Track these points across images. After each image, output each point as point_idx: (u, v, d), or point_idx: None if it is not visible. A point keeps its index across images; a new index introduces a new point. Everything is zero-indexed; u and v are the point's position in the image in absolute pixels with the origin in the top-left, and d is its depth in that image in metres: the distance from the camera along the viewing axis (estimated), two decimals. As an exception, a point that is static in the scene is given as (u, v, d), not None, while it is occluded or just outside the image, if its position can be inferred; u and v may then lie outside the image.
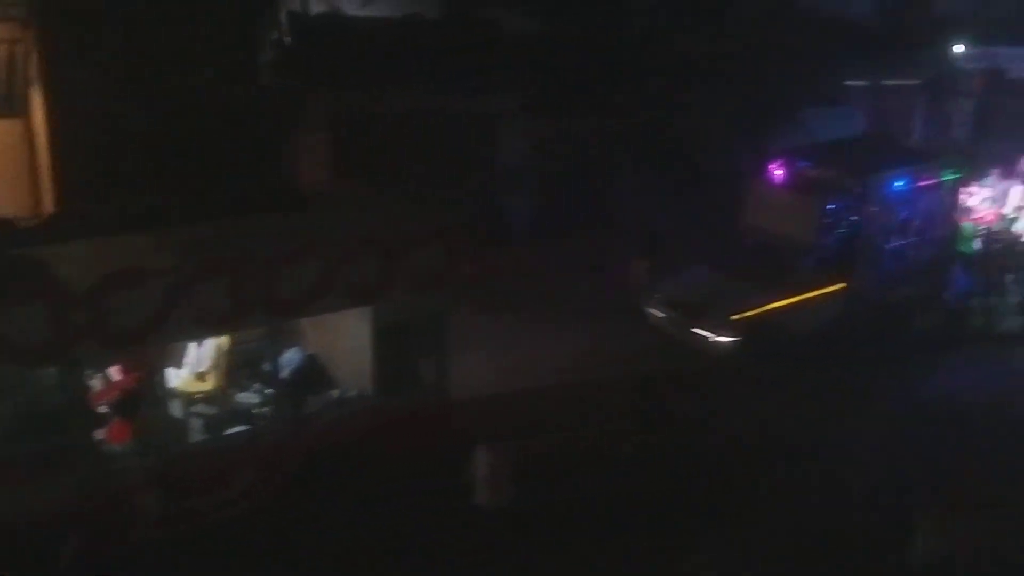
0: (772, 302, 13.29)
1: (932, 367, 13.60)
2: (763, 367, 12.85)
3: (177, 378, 9.48)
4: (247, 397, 9.74)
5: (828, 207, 13.71)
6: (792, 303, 13.39)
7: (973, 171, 15.97)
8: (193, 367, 9.62)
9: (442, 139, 16.57)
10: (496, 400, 11.67)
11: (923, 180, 14.35)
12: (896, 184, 13.96)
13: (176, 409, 9.32)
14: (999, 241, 15.74)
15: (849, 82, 20.39)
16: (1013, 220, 15.99)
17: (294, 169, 15.88)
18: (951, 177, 14.78)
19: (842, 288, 13.74)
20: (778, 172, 14.03)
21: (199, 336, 9.32)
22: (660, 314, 13.91)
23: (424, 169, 16.16)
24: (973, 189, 16.30)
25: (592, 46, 17.60)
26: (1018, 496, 10.39)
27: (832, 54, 19.02)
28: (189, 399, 9.47)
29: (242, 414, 9.56)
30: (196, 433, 9.30)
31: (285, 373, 9.69)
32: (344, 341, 10.10)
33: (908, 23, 21.64)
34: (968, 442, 11.49)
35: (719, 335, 13.16)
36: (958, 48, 21.75)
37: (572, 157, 17.12)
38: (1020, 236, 15.89)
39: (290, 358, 9.92)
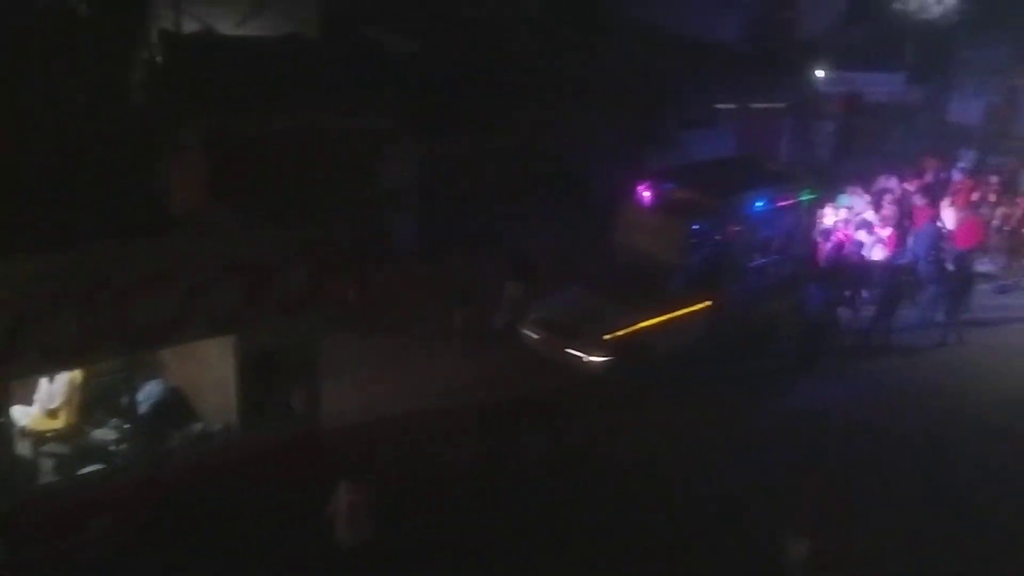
0: (643, 321, 13.57)
1: (792, 382, 14.11)
2: (634, 384, 13.10)
3: (26, 416, 9.05)
4: (103, 434, 9.35)
5: (694, 228, 14.07)
6: (662, 322, 13.70)
7: (829, 192, 16.57)
8: (44, 403, 9.20)
9: (321, 159, 16.44)
10: (366, 430, 11.49)
11: (783, 201, 14.90)
12: (757, 205, 14.45)
13: (25, 449, 8.88)
14: (853, 257, 16.47)
15: (719, 105, 21.21)
16: (865, 236, 16.74)
17: (162, 191, 15.44)
18: (808, 198, 15.41)
19: (708, 306, 14.13)
20: (646, 194, 14.36)
21: (50, 370, 8.91)
22: (534, 336, 14.00)
23: (301, 190, 16.04)
24: (830, 208, 17.13)
25: (470, 67, 17.79)
26: (881, 505, 10.90)
27: (702, 78, 19.79)
28: (40, 438, 9.05)
29: (98, 452, 9.17)
30: (47, 474, 8.85)
31: (145, 407, 9.35)
32: (208, 372, 9.76)
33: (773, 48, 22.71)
34: (830, 454, 11.95)
35: (592, 355, 13.31)
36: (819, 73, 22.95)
37: (451, 178, 17.22)
38: (871, 252, 16.62)
39: (150, 391, 9.61)
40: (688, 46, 20.10)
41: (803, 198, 15.29)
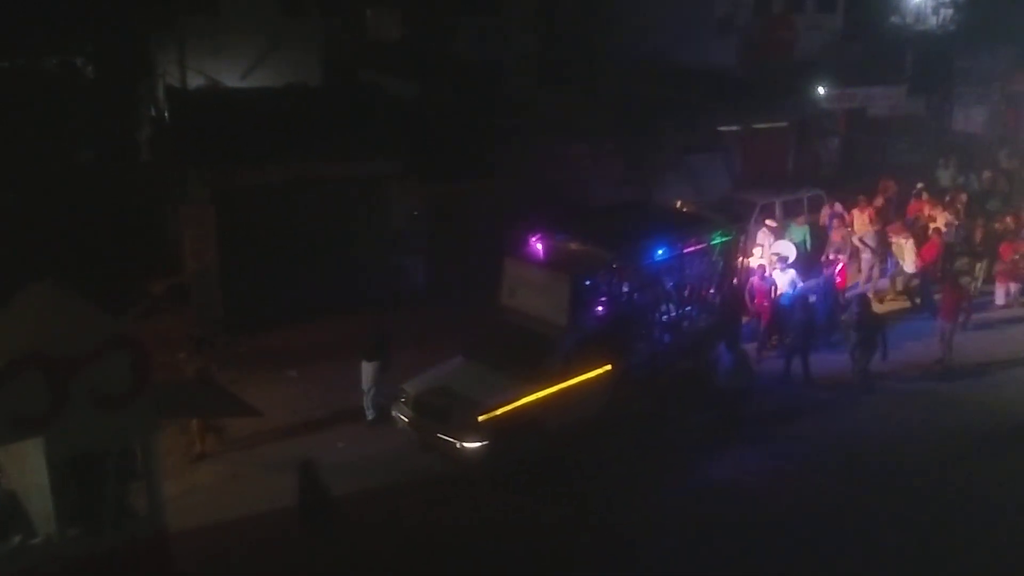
0: (527, 396, 11.59)
1: (699, 453, 12.22)
2: (515, 473, 11.34)
3: None
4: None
5: (585, 283, 12.26)
6: (551, 395, 11.74)
7: (743, 232, 14.89)
8: None
9: (328, 206, 16.65)
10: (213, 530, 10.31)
11: (691, 246, 13.40)
12: (659, 253, 12.86)
13: None
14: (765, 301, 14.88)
15: (720, 128, 21.34)
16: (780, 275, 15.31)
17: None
18: (721, 240, 13.84)
19: (608, 372, 12.31)
20: (532, 246, 12.79)
21: None
22: (403, 418, 12.04)
23: (311, 239, 16.26)
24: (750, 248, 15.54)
25: (470, 107, 18.00)
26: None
27: (700, 104, 19.92)
28: None
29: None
30: None
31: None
32: (31, 476, 8.45)
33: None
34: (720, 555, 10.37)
35: (465, 440, 11.28)
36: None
37: (457, 218, 17.34)
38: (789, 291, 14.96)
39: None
40: (685, 74, 20.23)
41: (715, 241, 13.76)
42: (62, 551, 8.24)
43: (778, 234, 17.38)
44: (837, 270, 16.10)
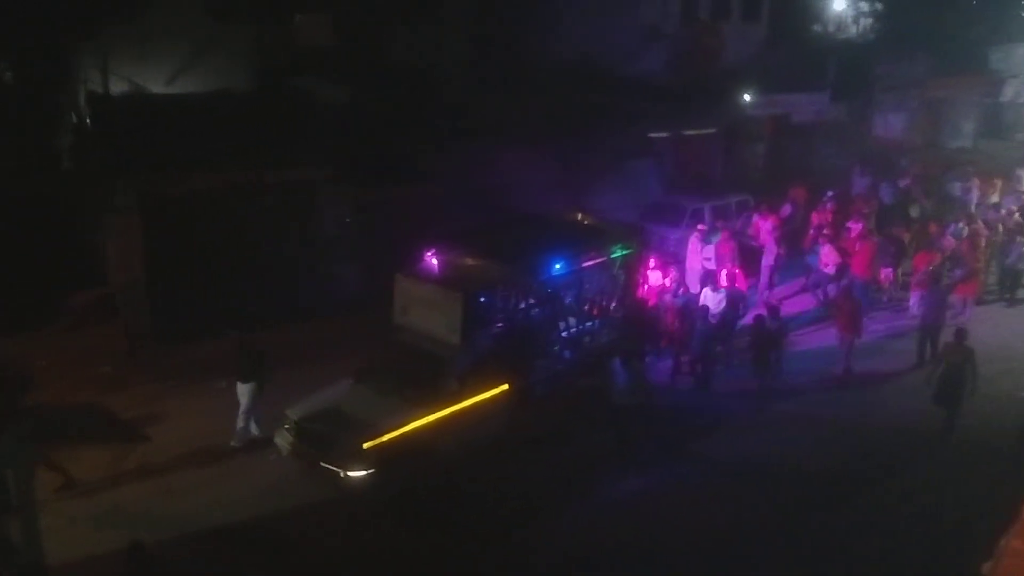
0: (416, 420, 11.07)
1: (599, 475, 11.83)
2: (403, 502, 10.93)
3: None
4: None
5: (479, 300, 11.84)
6: (443, 418, 11.26)
7: (645, 246, 14.74)
8: None
9: (258, 213, 16.43)
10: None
11: (591, 259, 13.15)
12: (557, 267, 12.57)
13: None
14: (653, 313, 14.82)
15: (651, 135, 21.70)
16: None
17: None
18: (621, 254, 13.58)
19: (504, 392, 11.91)
20: (425, 261, 12.48)
21: None
22: (285, 445, 11.40)
23: (239, 247, 16.02)
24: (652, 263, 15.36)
25: (401, 113, 17.95)
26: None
27: (630, 111, 20.21)
28: None
29: None
30: None
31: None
32: None
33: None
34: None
35: (350, 469, 10.69)
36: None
37: (388, 224, 17.30)
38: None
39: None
40: (615, 80, 20.52)
41: (616, 254, 13.50)
42: None
43: (707, 238, 17.75)
44: (734, 278, 15.77)
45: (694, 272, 17.04)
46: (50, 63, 18.31)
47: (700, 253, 17.34)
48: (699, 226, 18.13)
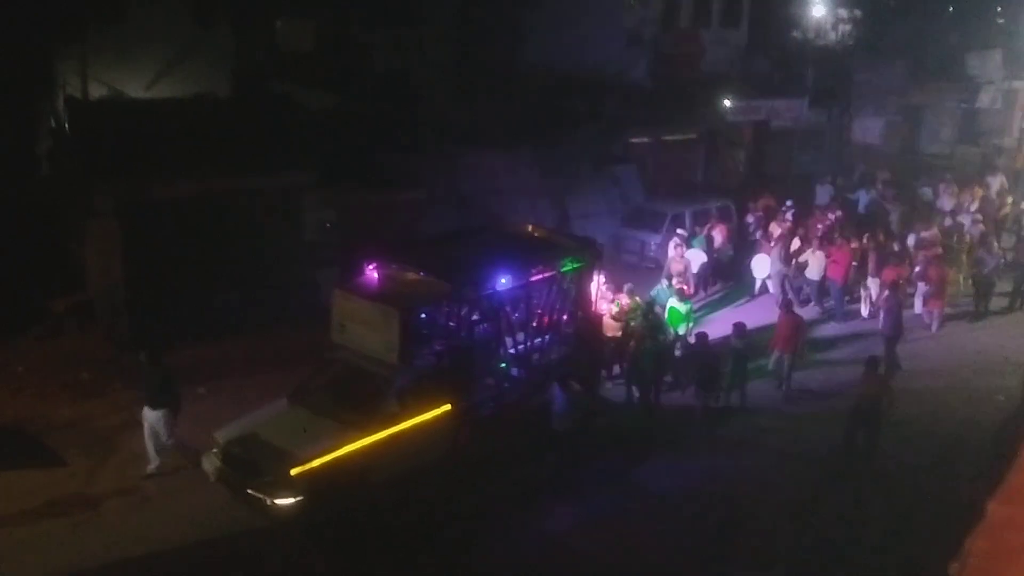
0: (349, 444, 10.49)
1: (544, 500, 11.30)
2: (333, 531, 10.34)
3: None
4: None
5: (418, 316, 11.39)
6: (379, 441, 10.68)
7: (598, 259, 13.68)
8: None
9: (239, 219, 16.38)
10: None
11: (540, 273, 12.59)
12: (503, 281, 11.96)
13: None
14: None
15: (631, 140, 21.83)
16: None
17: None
18: (572, 267, 12.97)
19: (447, 413, 11.34)
20: (364, 277, 11.93)
21: None
22: (213, 471, 10.77)
23: (220, 253, 15.96)
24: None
25: (383, 118, 17.99)
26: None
27: (611, 116, 20.35)
28: None
29: None
30: None
31: None
32: None
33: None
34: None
35: (277, 497, 10.09)
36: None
37: (370, 229, 17.30)
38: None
39: None
40: (596, 86, 20.64)
41: (566, 268, 12.88)
42: None
43: (687, 243, 17.88)
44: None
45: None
46: (29, 67, 18.18)
47: (680, 259, 17.41)
48: (679, 231, 18.24)
